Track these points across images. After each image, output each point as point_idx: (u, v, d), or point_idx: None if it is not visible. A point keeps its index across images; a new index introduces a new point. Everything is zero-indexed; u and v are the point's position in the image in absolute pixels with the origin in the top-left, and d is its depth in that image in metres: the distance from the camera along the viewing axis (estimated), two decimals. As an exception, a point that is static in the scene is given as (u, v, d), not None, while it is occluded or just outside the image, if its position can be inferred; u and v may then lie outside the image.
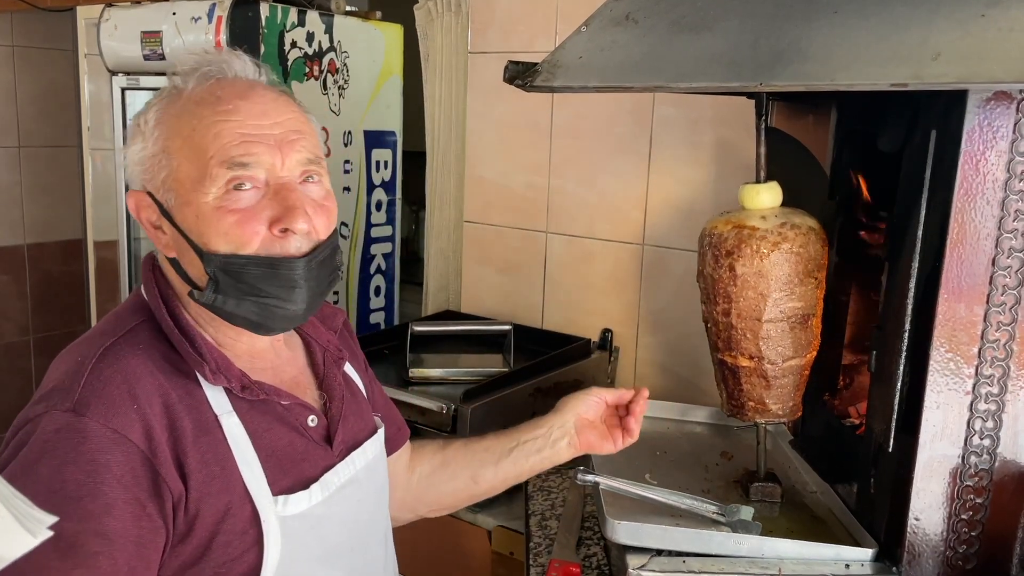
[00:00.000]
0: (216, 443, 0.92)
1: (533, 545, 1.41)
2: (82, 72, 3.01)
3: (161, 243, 0.97)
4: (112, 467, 0.84)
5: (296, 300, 0.95)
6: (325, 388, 1.08)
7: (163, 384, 0.91)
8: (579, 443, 1.26)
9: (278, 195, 0.93)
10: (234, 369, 0.96)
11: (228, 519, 0.91)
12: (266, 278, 0.93)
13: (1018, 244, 1.04)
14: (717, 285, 1.23)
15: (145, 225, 0.98)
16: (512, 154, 2.18)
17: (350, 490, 1.04)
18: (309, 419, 1.02)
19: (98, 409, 0.86)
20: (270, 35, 2.12)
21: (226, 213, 0.91)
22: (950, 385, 1.08)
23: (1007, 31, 0.81)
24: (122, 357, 0.91)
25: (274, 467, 0.95)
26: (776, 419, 1.28)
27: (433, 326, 2.03)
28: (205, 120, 0.92)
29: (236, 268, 0.92)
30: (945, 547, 1.12)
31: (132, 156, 0.96)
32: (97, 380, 0.88)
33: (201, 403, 0.93)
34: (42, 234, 3.51)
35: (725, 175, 1.85)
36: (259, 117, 0.94)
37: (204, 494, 0.90)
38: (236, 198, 0.92)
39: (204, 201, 0.92)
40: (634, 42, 1.01)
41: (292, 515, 0.95)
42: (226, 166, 0.91)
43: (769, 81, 0.90)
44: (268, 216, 0.93)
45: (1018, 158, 1.02)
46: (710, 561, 1.15)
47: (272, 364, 1.04)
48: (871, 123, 1.25)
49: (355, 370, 1.18)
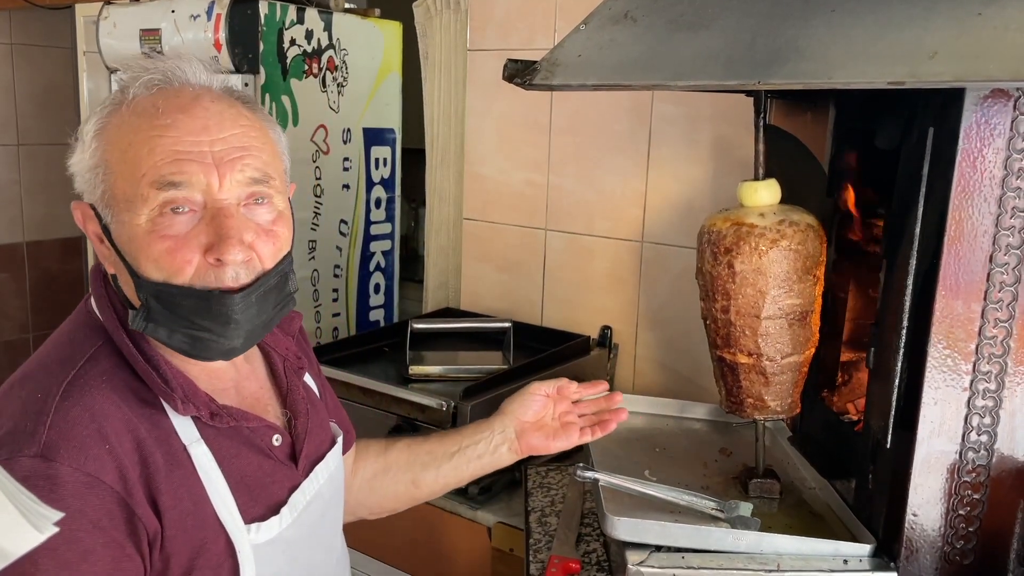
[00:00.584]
0: (187, 476, 0.88)
1: (533, 541, 1.41)
2: (81, 70, 3.00)
3: (103, 258, 0.91)
4: (88, 512, 0.80)
5: (230, 335, 0.89)
6: (289, 404, 1.04)
7: (131, 419, 0.86)
8: (520, 447, 1.24)
9: (214, 220, 0.86)
10: (200, 395, 0.91)
11: (203, 554, 0.88)
12: (199, 311, 0.86)
13: (1015, 241, 1.05)
14: (716, 282, 1.23)
15: (91, 237, 0.92)
16: (511, 151, 2.18)
17: (315, 505, 1.02)
18: (274, 439, 0.98)
19: (68, 453, 0.80)
20: (269, 32, 2.12)
21: (158, 239, 0.85)
22: (948, 381, 1.09)
23: (1003, 29, 0.82)
24: (87, 393, 0.84)
25: (244, 494, 0.92)
26: (775, 416, 1.29)
27: (433, 323, 2.04)
28: (141, 134, 0.85)
29: (168, 297, 0.86)
30: (943, 542, 1.13)
31: (75, 166, 0.90)
32: (64, 421, 0.82)
33: (169, 434, 0.88)
34: (41, 232, 3.51)
35: (724, 172, 1.85)
36: (198, 133, 0.86)
37: (178, 531, 0.87)
38: (170, 222, 0.85)
39: (137, 223, 0.85)
40: (633, 40, 1.01)
41: (265, 541, 0.93)
42: (156, 186, 0.84)
43: (767, 79, 0.90)
44: (202, 243, 0.86)
45: (1015, 155, 1.02)
46: (709, 557, 1.15)
47: (233, 381, 1.00)
48: (869, 121, 1.25)
49: (311, 375, 1.14)
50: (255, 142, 0.91)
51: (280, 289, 0.93)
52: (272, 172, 0.92)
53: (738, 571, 1.14)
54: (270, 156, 0.93)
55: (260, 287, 0.90)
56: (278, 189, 0.93)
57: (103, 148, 0.87)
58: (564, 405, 1.28)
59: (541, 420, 1.26)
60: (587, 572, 1.31)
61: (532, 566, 1.34)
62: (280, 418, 1.03)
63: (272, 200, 0.92)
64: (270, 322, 0.95)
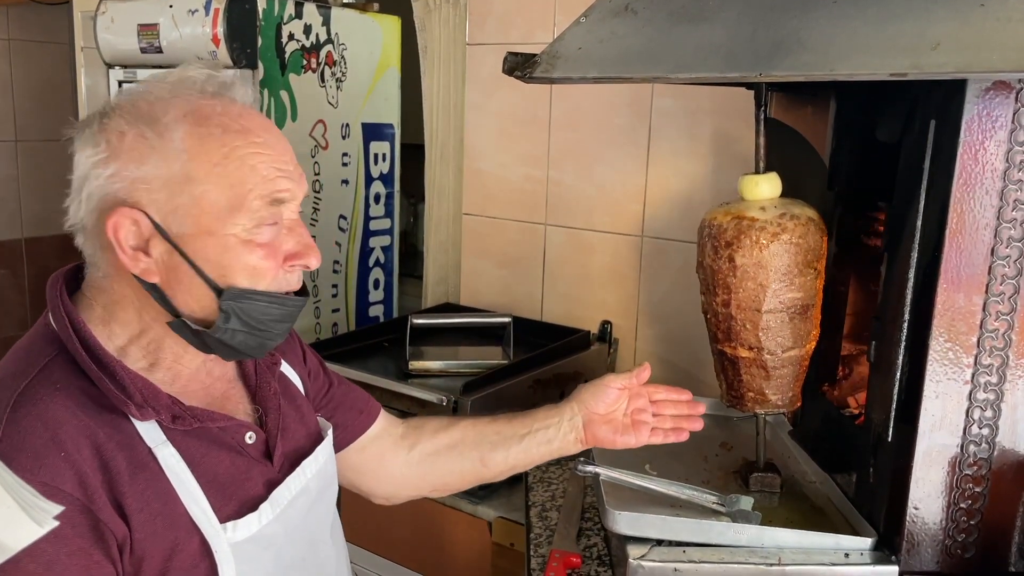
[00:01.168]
0: (154, 478, 0.87)
1: (534, 536, 1.41)
2: (79, 65, 3.00)
3: (138, 267, 0.88)
4: None
5: (284, 332, 0.96)
6: (259, 400, 1.03)
7: (88, 424, 0.85)
8: (586, 438, 1.22)
9: (293, 232, 0.93)
10: (162, 397, 0.90)
11: (176, 556, 0.87)
12: (272, 313, 0.92)
13: (1017, 234, 1.05)
14: (717, 276, 1.23)
15: (120, 246, 0.87)
16: (511, 146, 2.18)
17: (301, 501, 1.01)
18: (247, 436, 0.98)
19: (23, 463, 0.79)
20: (267, 27, 2.11)
21: (255, 247, 0.89)
22: (949, 375, 1.09)
23: (1005, 21, 0.81)
24: (39, 401, 0.84)
25: (217, 493, 0.92)
26: (775, 409, 1.29)
27: (433, 319, 2.03)
28: (239, 150, 0.88)
29: (249, 303, 0.90)
30: (944, 536, 1.13)
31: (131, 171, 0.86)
32: (15, 432, 0.81)
33: (132, 438, 0.87)
34: (39, 228, 3.50)
35: (724, 166, 1.85)
36: (283, 153, 0.93)
37: (148, 534, 0.86)
38: (262, 232, 0.90)
39: (232, 233, 0.88)
40: (633, 33, 1.00)
41: (244, 539, 0.92)
42: (267, 201, 0.89)
43: (768, 71, 0.90)
44: (285, 252, 0.93)
45: (1017, 148, 1.02)
46: (710, 551, 1.15)
47: (203, 384, 0.99)
48: (870, 113, 1.25)
49: (291, 366, 1.13)
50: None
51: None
52: None
53: (739, 565, 1.14)
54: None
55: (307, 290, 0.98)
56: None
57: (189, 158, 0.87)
58: (640, 401, 1.24)
59: (612, 413, 1.23)
60: (588, 566, 1.31)
61: (533, 560, 1.34)
62: (251, 415, 1.02)
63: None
64: None
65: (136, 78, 2.37)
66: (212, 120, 0.89)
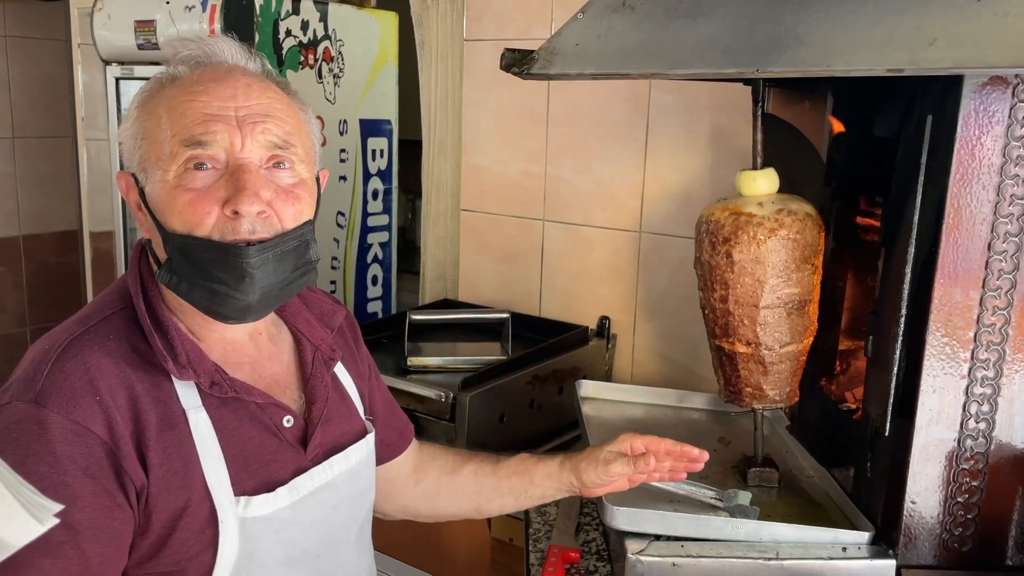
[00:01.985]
0: (181, 438, 0.91)
1: (532, 531, 1.41)
2: (76, 62, 2.99)
3: (141, 225, 0.97)
4: (76, 459, 0.84)
5: (246, 290, 0.91)
6: (308, 389, 1.04)
7: (129, 376, 0.89)
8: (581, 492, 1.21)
9: (233, 176, 0.91)
10: (207, 363, 0.94)
11: (186, 516, 0.89)
12: (216, 263, 0.90)
13: (1014, 228, 1.05)
14: (714, 272, 1.23)
15: (132, 206, 0.97)
16: (508, 142, 2.18)
17: (325, 495, 1.02)
18: (285, 419, 0.99)
19: (59, 401, 0.85)
20: (264, 23, 2.11)
21: (182, 192, 0.90)
22: (946, 369, 1.09)
23: (1003, 16, 0.82)
24: (85, 348, 0.89)
25: (240, 466, 0.93)
26: (773, 405, 1.29)
27: (431, 315, 2.04)
28: (176, 100, 0.92)
29: (190, 250, 0.90)
30: (941, 530, 1.13)
31: (120, 137, 0.98)
32: (59, 372, 0.87)
33: (169, 396, 0.91)
34: (38, 225, 3.50)
35: (722, 162, 1.85)
36: (226, 99, 0.92)
37: (163, 489, 0.89)
38: (193, 177, 0.90)
39: (166, 179, 0.91)
40: (631, 29, 1.00)
41: (254, 517, 0.93)
42: (185, 144, 0.90)
43: (765, 67, 0.90)
44: (221, 196, 0.90)
45: (1014, 143, 1.02)
46: (708, 545, 1.16)
47: (251, 358, 1.01)
48: (867, 109, 1.25)
49: (349, 371, 1.14)
50: (279, 112, 0.96)
51: (299, 254, 0.96)
52: (295, 141, 0.96)
53: (737, 559, 1.14)
54: (294, 127, 0.97)
55: (277, 246, 0.92)
56: (301, 158, 0.97)
57: (143, 117, 0.94)
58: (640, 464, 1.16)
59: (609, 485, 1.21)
60: (587, 561, 1.32)
61: (532, 556, 1.34)
62: (296, 402, 1.03)
63: (294, 166, 0.96)
64: (288, 286, 0.96)
65: (133, 75, 2.37)
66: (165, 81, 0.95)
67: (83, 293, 3.19)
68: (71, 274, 3.57)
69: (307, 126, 1.01)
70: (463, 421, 1.59)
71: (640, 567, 1.14)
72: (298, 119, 0.99)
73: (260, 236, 0.91)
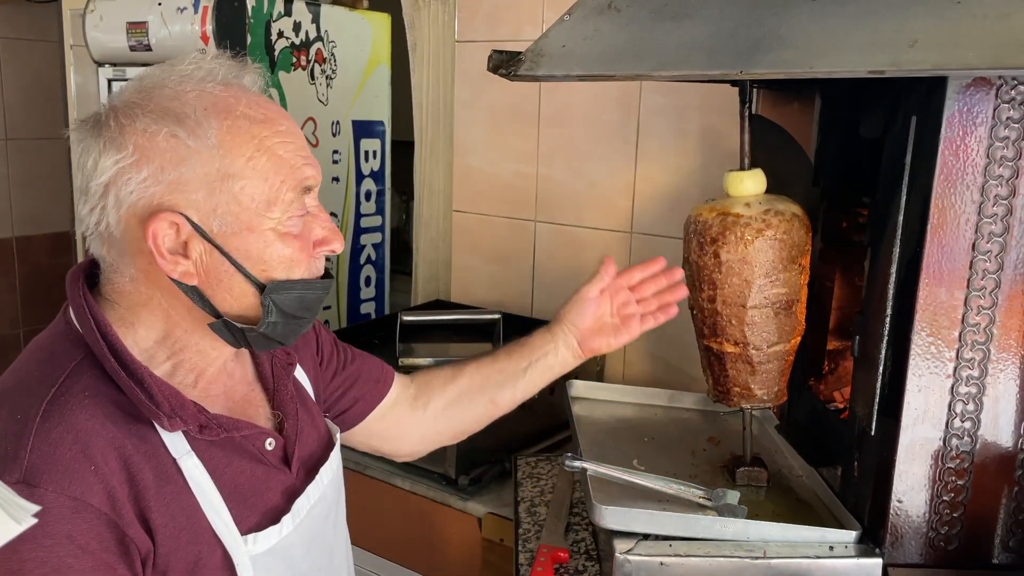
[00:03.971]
0: (179, 491, 0.86)
1: (522, 531, 1.42)
2: (68, 63, 2.99)
3: (177, 271, 0.85)
4: (76, 537, 0.78)
5: (315, 316, 0.96)
6: (278, 405, 1.02)
7: (116, 436, 0.83)
8: (583, 352, 1.26)
9: (317, 218, 0.92)
10: (188, 406, 0.88)
11: (199, 569, 0.87)
12: (311, 300, 0.92)
13: (998, 229, 1.06)
14: (702, 272, 1.24)
15: (159, 251, 0.84)
16: (500, 143, 2.18)
17: (319, 509, 1.01)
18: (266, 443, 0.97)
19: (52, 477, 0.78)
20: (256, 25, 2.11)
21: (291, 239, 0.89)
22: (932, 369, 1.09)
23: (981, 18, 0.82)
24: (69, 412, 0.81)
25: (239, 504, 0.91)
26: (762, 404, 1.30)
27: (422, 316, 2.04)
28: (267, 140, 0.86)
29: (288, 293, 0.89)
30: (928, 528, 1.14)
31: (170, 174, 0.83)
32: (45, 443, 0.79)
33: (158, 448, 0.86)
34: (30, 227, 3.49)
35: (712, 163, 1.85)
36: (302, 139, 0.92)
37: (172, 548, 0.84)
38: (294, 223, 0.89)
39: (270, 227, 0.87)
40: (616, 30, 1.01)
41: (262, 552, 0.91)
42: (297, 190, 0.88)
43: (749, 69, 0.90)
44: (314, 239, 0.92)
45: (997, 143, 1.03)
46: (696, 544, 1.16)
47: (224, 387, 0.98)
48: (854, 110, 1.25)
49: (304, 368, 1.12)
50: None
51: None
52: None
53: (725, 558, 1.14)
54: None
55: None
56: None
57: (223, 155, 0.84)
58: (621, 296, 1.26)
59: (600, 321, 1.26)
60: (576, 561, 1.32)
61: (521, 556, 1.35)
62: (270, 420, 1.01)
63: None
64: None
65: (125, 76, 2.37)
66: (236, 111, 0.86)
67: (76, 295, 3.18)
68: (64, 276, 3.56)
69: None
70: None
71: (628, 566, 1.14)
72: None
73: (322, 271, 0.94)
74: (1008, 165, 1.04)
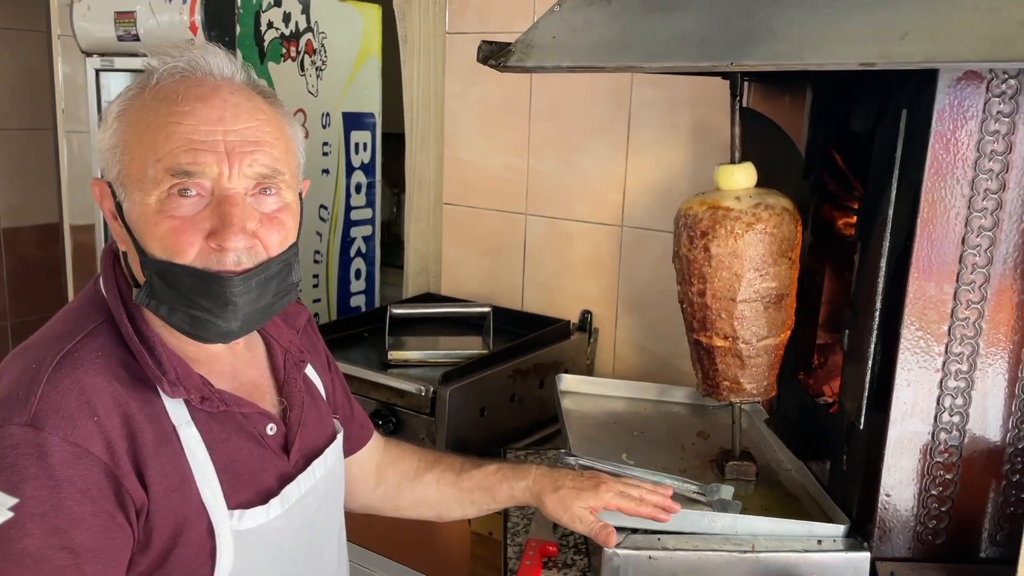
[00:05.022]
0: (175, 455, 0.90)
1: (511, 525, 1.41)
2: (55, 54, 2.96)
3: (116, 235, 0.94)
4: (75, 481, 0.82)
5: (228, 317, 0.91)
6: (285, 394, 1.05)
7: (121, 394, 0.88)
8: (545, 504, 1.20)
9: (219, 207, 0.89)
10: (194, 378, 0.93)
11: (185, 532, 0.90)
12: (199, 291, 0.89)
13: (987, 223, 1.06)
14: (692, 266, 1.23)
15: (106, 214, 0.94)
16: (491, 136, 2.17)
17: (309, 499, 1.03)
18: (268, 427, 0.99)
19: (57, 423, 0.83)
20: (246, 15, 2.09)
21: (165, 219, 0.88)
22: (920, 363, 1.10)
23: (972, 11, 0.82)
24: (79, 366, 0.87)
25: (231, 479, 0.93)
26: (751, 398, 1.30)
27: (412, 309, 2.03)
28: (160, 119, 0.88)
29: (170, 276, 0.88)
30: (915, 522, 1.14)
31: (97, 144, 0.94)
32: (54, 392, 0.84)
33: (160, 413, 0.90)
34: (18, 218, 3.47)
35: (703, 156, 1.85)
36: (214, 123, 0.89)
37: (162, 506, 0.88)
38: (177, 204, 0.88)
39: (147, 203, 0.88)
40: (606, 22, 1.00)
41: (248, 529, 0.94)
42: (170, 172, 0.87)
43: (740, 60, 0.90)
44: (205, 228, 0.88)
45: (987, 137, 1.03)
46: (685, 538, 1.16)
47: (231, 366, 1.01)
48: (845, 103, 1.25)
49: (316, 370, 1.15)
50: (269, 136, 0.93)
51: (282, 278, 0.95)
52: (282, 167, 0.94)
53: (714, 552, 1.14)
54: (282, 152, 0.95)
55: (261, 273, 0.92)
56: (287, 184, 0.95)
57: (123, 129, 0.90)
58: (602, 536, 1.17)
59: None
60: (564, 555, 1.32)
61: (510, 549, 1.34)
62: (275, 407, 1.04)
63: (280, 192, 0.94)
64: (269, 309, 0.96)
65: (113, 66, 2.35)
66: (146, 91, 0.91)
67: (64, 286, 3.17)
68: (52, 268, 3.54)
69: (294, 144, 0.99)
70: (443, 415, 1.59)
71: (616, 560, 1.14)
72: (285, 140, 0.96)
73: (245, 267, 0.90)
74: (998, 159, 1.04)
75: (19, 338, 3.68)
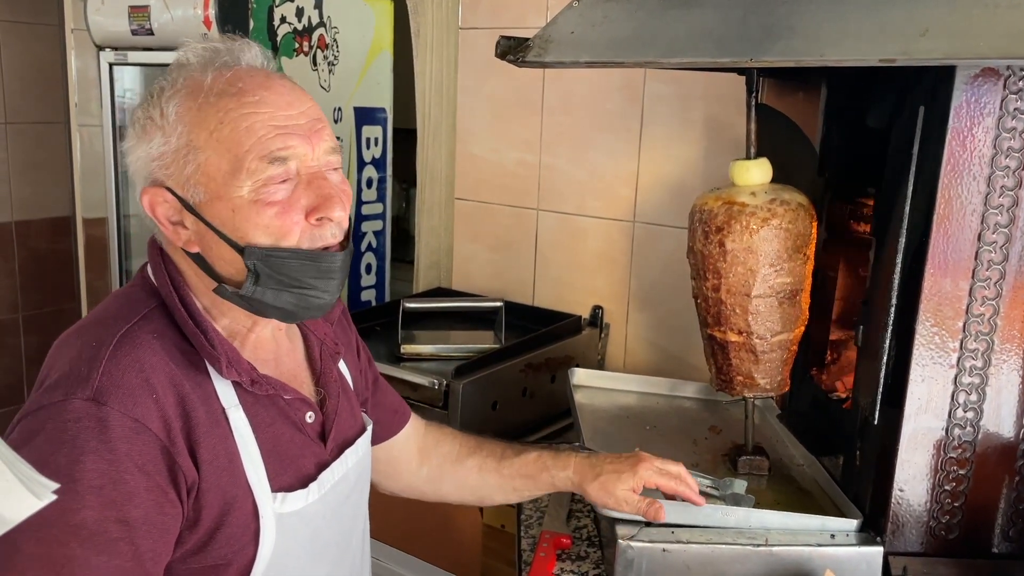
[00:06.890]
0: (225, 436, 0.93)
1: (524, 517, 1.42)
2: (69, 47, 2.97)
3: (181, 239, 0.95)
4: (134, 456, 0.85)
5: (331, 289, 0.96)
6: (322, 384, 1.08)
7: (177, 375, 0.91)
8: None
9: (311, 185, 0.93)
10: (243, 362, 0.96)
11: (233, 512, 0.92)
12: (307, 270, 0.93)
13: (1004, 219, 1.06)
14: (707, 261, 1.24)
15: (162, 222, 0.95)
16: (503, 131, 2.18)
17: (342, 487, 1.06)
18: (307, 415, 1.02)
19: (118, 398, 0.86)
20: (259, 10, 2.10)
21: (264, 206, 0.90)
22: (935, 359, 1.10)
23: (993, 8, 0.82)
24: (138, 345, 0.90)
25: (275, 463, 0.96)
26: (764, 393, 1.30)
27: (425, 303, 2.04)
28: (232, 112, 0.91)
29: (277, 261, 0.91)
30: (928, 517, 1.14)
31: (146, 152, 0.93)
32: (115, 368, 0.87)
33: (210, 395, 0.93)
34: (30, 211, 3.48)
35: (716, 152, 1.85)
36: (286, 107, 0.92)
37: (213, 485, 0.91)
38: (273, 190, 0.91)
39: (239, 195, 0.90)
40: (625, 17, 1.01)
41: (288, 512, 0.97)
42: (266, 160, 0.90)
43: (759, 57, 0.90)
44: (305, 206, 0.92)
45: (1004, 134, 1.03)
46: (698, 532, 1.17)
47: (274, 355, 1.04)
48: (860, 100, 1.25)
49: (346, 362, 1.17)
50: (323, 115, 0.98)
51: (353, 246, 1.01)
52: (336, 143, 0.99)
53: (727, 546, 1.15)
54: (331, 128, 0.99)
55: (350, 243, 0.98)
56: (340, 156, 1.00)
57: (189, 130, 0.91)
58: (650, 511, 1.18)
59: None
60: (578, 547, 1.33)
61: (523, 541, 1.35)
62: (313, 396, 1.07)
63: (339, 166, 0.99)
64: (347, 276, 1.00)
65: (127, 60, 2.36)
66: (204, 88, 0.92)
67: (76, 279, 3.19)
68: (64, 260, 3.55)
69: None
70: (456, 408, 1.60)
71: (630, 552, 1.15)
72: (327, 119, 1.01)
73: (339, 239, 0.95)
74: (1015, 156, 1.04)
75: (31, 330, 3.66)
